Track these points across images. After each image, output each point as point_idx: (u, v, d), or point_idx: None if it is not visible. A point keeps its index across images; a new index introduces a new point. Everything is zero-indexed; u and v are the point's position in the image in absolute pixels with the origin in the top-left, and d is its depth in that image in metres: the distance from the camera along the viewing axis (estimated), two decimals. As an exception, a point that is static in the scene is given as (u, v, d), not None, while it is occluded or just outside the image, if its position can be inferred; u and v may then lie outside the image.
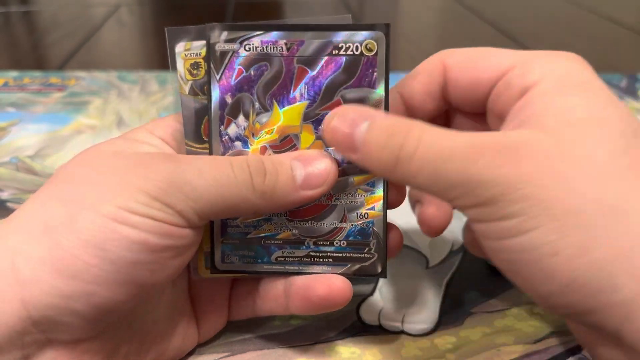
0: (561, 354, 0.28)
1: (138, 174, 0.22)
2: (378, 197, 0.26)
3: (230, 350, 0.28)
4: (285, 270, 0.26)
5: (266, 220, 0.26)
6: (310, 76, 0.25)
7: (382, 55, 0.25)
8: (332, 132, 0.24)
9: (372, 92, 0.25)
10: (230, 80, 0.25)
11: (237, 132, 0.26)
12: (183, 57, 0.26)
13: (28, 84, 0.61)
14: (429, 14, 0.95)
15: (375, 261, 0.26)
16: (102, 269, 0.21)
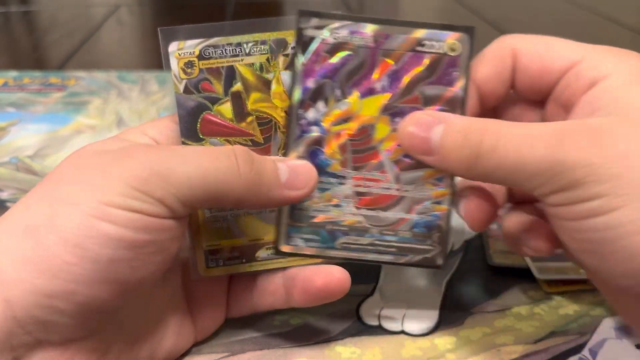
0: (561, 354, 0.28)
1: (119, 165, 0.22)
2: (445, 192, 0.26)
3: (229, 350, 0.28)
4: (350, 257, 0.27)
5: (334, 206, 0.26)
6: (393, 70, 0.26)
7: (464, 56, 0.26)
8: (409, 138, 0.25)
9: (451, 90, 0.26)
10: (314, 65, 0.26)
11: (316, 117, 0.26)
12: (177, 57, 0.26)
13: (28, 84, 0.60)
14: (429, 14, 0.94)
15: (437, 254, 0.27)
16: (82, 268, 0.21)
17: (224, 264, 0.27)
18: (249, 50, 0.27)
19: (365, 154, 0.26)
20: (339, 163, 0.26)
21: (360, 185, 0.26)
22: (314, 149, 0.26)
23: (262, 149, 0.27)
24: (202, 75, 0.26)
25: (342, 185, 0.26)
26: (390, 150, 0.26)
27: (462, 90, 0.26)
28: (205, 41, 0.26)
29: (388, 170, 0.26)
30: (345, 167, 0.26)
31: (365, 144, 0.26)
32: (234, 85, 0.27)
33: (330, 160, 0.26)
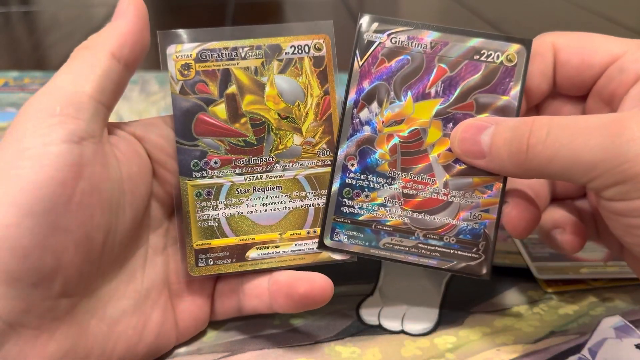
0: (561, 353, 0.28)
1: (21, 114, 0.23)
2: (494, 200, 0.26)
3: (230, 350, 0.28)
4: (392, 258, 0.27)
5: (380, 205, 0.27)
6: (448, 76, 0.26)
7: (520, 67, 0.26)
8: (460, 143, 0.25)
9: (505, 99, 0.26)
10: (371, 68, 0.27)
11: (368, 117, 0.27)
12: (174, 59, 0.27)
13: (28, 84, 0.61)
14: (429, 14, 0.95)
15: (481, 262, 0.27)
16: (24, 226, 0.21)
17: (213, 263, 0.27)
18: (245, 55, 0.27)
19: (415, 157, 0.27)
20: (388, 164, 0.27)
21: (408, 187, 0.27)
22: (364, 148, 0.27)
23: (255, 149, 0.28)
24: (198, 77, 0.27)
25: (390, 185, 0.27)
26: (440, 155, 0.27)
27: (515, 100, 0.26)
28: (202, 45, 0.27)
29: (437, 174, 0.27)
30: (394, 168, 0.27)
31: (415, 146, 0.27)
32: (229, 88, 0.27)
33: (380, 160, 0.27)
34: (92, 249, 0.24)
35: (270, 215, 0.28)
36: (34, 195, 0.21)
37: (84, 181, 0.23)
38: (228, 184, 0.27)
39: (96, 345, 0.24)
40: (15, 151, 0.22)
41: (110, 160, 0.25)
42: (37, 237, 0.21)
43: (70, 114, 0.23)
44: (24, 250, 0.21)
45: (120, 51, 0.25)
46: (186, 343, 0.28)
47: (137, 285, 0.26)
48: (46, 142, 0.22)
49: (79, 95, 0.23)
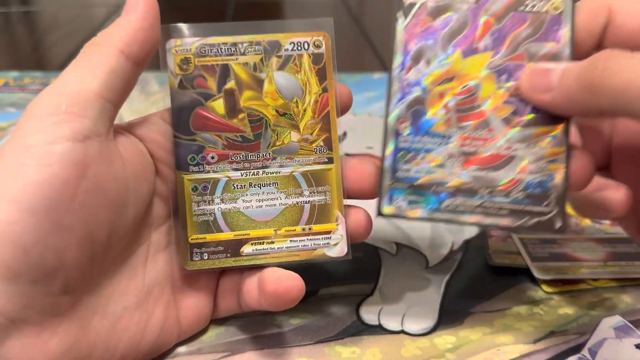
0: (560, 353, 0.28)
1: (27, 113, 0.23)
2: (559, 150, 0.26)
3: (230, 350, 0.28)
4: (456, 220, 0.26)
5: (438, 166, 0.26)
6: (496, 29, 0.26)
7: (567, 13, 0.26)
8: (530, 75, 0.25)
9: (556, 47, 0.26)
10: (416, 29, 0.26)
11: (417, 78, 0.26)
12: (174, 53, 0.27)
13: (28, 84, 0.61)
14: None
15: (554, 216, 0.25)
16: (25, 224, 0.21)
17: (208, 258, 0.27)
18: (244, 50, 0.27)
19: (470, 113, 0.26)
20: (442, 122, 0.26)
21: (466, 144, 0.26)
22: (416, 108, 0.26)
23: (252, 145, 0.28)
24: (197, 72, 0.27)
25: (446, 145, 0.26)
26: (497, 108, 0.26)
27: (567, 46, 0.26)
28: (202, 40, 0.27)
29: (495, 128, 0.26)
30: (449, 127, 0.26)
31: (470, 102, 0.26)
32: (227, 83, 0.27)
33: (434, 120, 0.26)
34: (95, 247, 0.24)
35: (266, 211, 0.28)
36: (36, 194, 0.21)
37: (88, 180, 0.23)
38: (224, 179, 0.28)
39: (99, 342, 0.24)
40: (19, 148, 0.22)
41: (116, 158, 0.24)
42: (39, 234, 0.21)
43: (75, 112, 0.23)
44: (25, 247, 0.21)
45: (129, 48, 0.25)
46: (186, 343, 0.29)
47: (138, 282, 0.26)
48: (50, 140, 0.22)
49: (86, 93, 0.23)
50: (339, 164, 0.28)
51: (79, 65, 0.24)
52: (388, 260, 0.35)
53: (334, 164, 0.28)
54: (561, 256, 0.35)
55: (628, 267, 0.34)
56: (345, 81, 0.60)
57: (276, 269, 0.27)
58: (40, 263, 0.22)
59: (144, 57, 0.25)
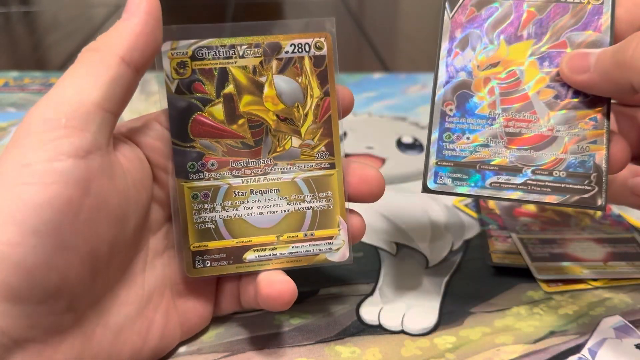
0: (560, 353, 0.28)
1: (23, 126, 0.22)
2: (600, 132, 0.27)
3: (230, 350, 0.28)
4: (501, 196, 0.27)
5: (483, 145, 0.27)
6: (538, 19, 0.27)
7: (607, 4, 0.27)
8: (569, 59, 0.26)
9: (597, 35, 0.27)
10: (462, 17, 0.27)
11: (463, 63, 0.27)
12: (169, 56, 0.26)
13: (28, 84, 0.61)
14: (429, 14, 0.94)
15: (595, 194, 0.27)
16: (28, 245, 0.20)
17: (211, 265, 0.27)
18: (243, 53, 0.27)
19: (514, 96, 0.27)
20: (487, 105, 0.27)
21: (510, 125, 0.27)
22: (462, 92, 0.27)
23: (253, 151, 0.27)
24: (194, 76, 0.26)
25: (491, 126, 0.27)
26: (540, 92, 0.27)
27: (607, 35, 0.27)
28: (199, 42, 0.26)
29: (538, 110, 0.27)
30: (494, 109, 0.27)
31: (514, 86, 0.27)
32: (226, 87, 0.27)
33: (479, 103, 0.27)
34: (98, 263, 0.23)
35: (268, 217, 0.28)
36: (39, 215, 0.21)
37: (91, 197, 0.22)
38: (225, 186, 0.27)
39: (102, 353, 0.24)
40: (18, 166, 0.21)
41: (117, 170, 0.24)
42: (43, 256, 0.21)
43: (76, 126, 0.22)
44: (28, 268, 0.21)
45: (130, 55, 0.24)
46: (186, 343, 0.29)
47: (138, 290, 0.26)
48: (51, 158, 0.21)
49: (86, 105, 0.22)
50: (341, 169, 0.28)
51: (78, 74, 0.23)
52: (388, 260, 0.35)
53: (336, 169, 0.28)
54: (561, 256, 0.35)
55: (628, 267, 0.34)
56: (345, 81, 0.60)
57: (270, 273, 0.27)
58: (44, 284, 0.21)
59: (145, 64, 0.24)
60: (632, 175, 0.28)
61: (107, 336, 0.25)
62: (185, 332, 0.28)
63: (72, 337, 0.23)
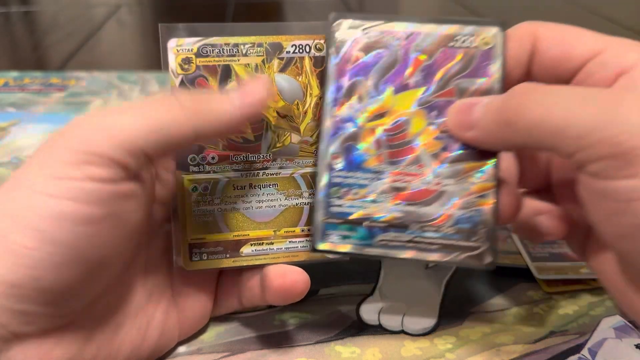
0: (560, 353, 0.28)
1: (62, 135, 0.22)
2: (489, 185, 0.26)
3: (230, 350, 0.28)
4: (388, 255, 0.26)
5: (371, 201, 0.26)
6: (426, 65, 0.26)
7: (498, 48, 0.26)
8: (455, 114, 0.25)
9: (487, 82, 0.26)
10: (347, 65, 0.26)
11: (349, 114, 0.26)
12: (175, 52, 0.27)
13: (28, 84, 0.61)
14: (429, 14, 0.95)
15: (484, 251, 0.26)
16: (43, 251, 0.20)
17: (207, 258, 0.27)
18: (246, 51, 0.27)
19: (401, 149, 0.26)
20: (375, 158, 0.26)
21: (397, 180, 0.26)
22: (348, 145, 0.26)
23: (253, 146, 0.28)
24: (198, 72, 0.27)
25: (378, 180, 0.26)
26: (428, 144, 0.26)
27: (498, 82, 0.26)
28: (203, 40, 0.27)
29: (426, 164, 0.26)
30: (381, 162, 0.26)
31: (401, 138, 0.26)
32: (228, 84, 0.27)
33: (366, 156, 0.26)
34: (104, 271, 0.24)
35: (266, 212, 0.28)
36: (59, 226, 0.21)
37: (113, 218, 0.22)
38: (225, 179, 0.28)
39: (102, 350, 0.24)
40: (49, 177, 0.21)
41: (138, 189, 0.24)
42: (54, 264, 0.21)
43: (113, 156, 0.22)
44: (38, 273, 0.21)
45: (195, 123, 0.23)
46: (186, 343, 0.29)
47: (139, 289, 0.26)
48: (81, 177, 0.21)
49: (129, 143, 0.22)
50: None
51: (135, 109, 0.23)
52: (388, 260, 0.35)
53: None
54: (561, 256, 0.35)
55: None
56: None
57: (280, 264, 0.27)
58: (51, 289, 0.21)
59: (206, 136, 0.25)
60: (534, 214, 0.27)
61: (107, 333, 0.25)
62: (183, 331, 0.28)
63: (72, 333, 0.23)
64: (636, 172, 0.20)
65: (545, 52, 0.26)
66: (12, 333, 0.21)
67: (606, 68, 0.24)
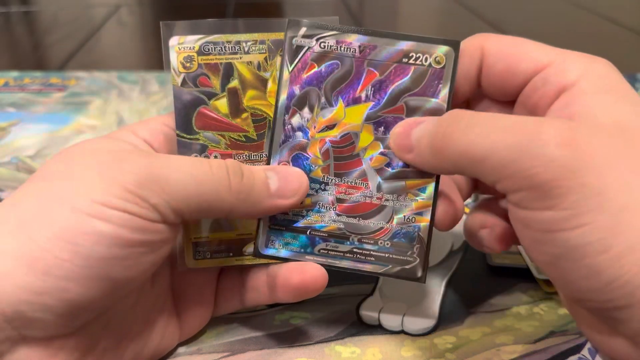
0: (561, 353, 0.28)
1: (115, 167, 0.22)
2: (427, 203, 0.26)
3: (230, 350, 0.28)
4: (327, 263, 0.27)
5: (315, 211, 0.27)
6: (378, 80, 0.26)
7: (449, 69, 0.26)
8: (396, 136, 0.25)
9: (435, 102, 0.26)
10: (301, 73, 0.26)
11: (300, 123, 0.26)
12: (177, 50, 0.27)
13: (28, 84, 0.61)
14: (429, 14, 0.95)
15: (416, 265, 0.27)
16: (74, 265, 0.21)
17: (211, 257, 0.27)
18: (248, 49, 0.27)
19: (347, 162, 0.27)
20: (321, 169, 0.27)
21: (341, 192, 0.27)
22: (297, 154, 0.27)
23: (255, 145, 0.28)
24: (200, 70, 0.27)
25: (323, 191, 0.27)
26: (373, 159, 0.26)
27: (445, 102, 0.26)
28: (205, 37, 0.27)
29: (370, 178, 0.26)
30: (327, 174, 0.27)
31: (348, 151, 0.26)
32: (231, 82, 0.27)
33: (313, 166, 0.27)
34: (127, 289, 0.24)
35: None
36: (96, 243, 0.21)
37: (146, 245, 0.22)
38: None
39: (106, 354, 0.25)
40: (87, 199, 0.21)
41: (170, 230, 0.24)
42: (84, 278, 0.21)
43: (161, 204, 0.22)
44: (67, 284, 0.21)
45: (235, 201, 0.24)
46: (186, 343, 0.29)
47: (147, 293, 0.27)
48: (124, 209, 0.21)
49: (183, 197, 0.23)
50: None
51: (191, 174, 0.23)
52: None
53: None
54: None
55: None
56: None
57: (292, 262, 0.27)
58: (74, 302, 0.21)
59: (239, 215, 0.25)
60: (480, 227, 0.27)
61: (111, 339, 0.25)
62: (184, 333, 0.28)
63: (77, 338, 0.23)
64: (552, 204, 0.20)
65: (491, 67, 0.26)
66: (21, 335, 0.21)
67: (548, 84, 0.24)
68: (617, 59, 0.27)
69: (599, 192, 0.20)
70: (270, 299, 0.27)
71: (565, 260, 0.21)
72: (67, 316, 0.22)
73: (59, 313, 0.21)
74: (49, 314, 0.21)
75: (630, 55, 0.69)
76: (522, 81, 0.25)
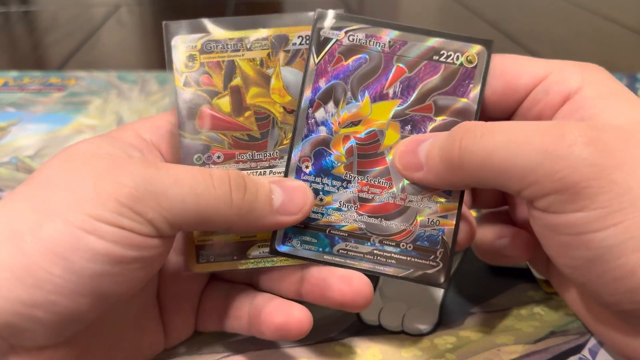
0: (561, 354, 0.28)
1: (111, 179, 0.22)
2: (452, 206, 0.25)
3: (230, 349, 0.28)
4: (346, 264, 0.26)
5: (335, 209, 0.26)
6: (407, 77, 0.25)
7: (480, 69, 0.25)
8: (400, 156, 0.25)
9: (464, 102, 0.25)
10: (327, 66, 0.26)
11: (324, 117, 0.26)
12: (179, 50, 0.27)
13: (28, 83, 0.61)
14: (429, 14, 0.94)
15: (439, 270, 0.26)
16: (65, 280, 0.20)
17: (214, 260, 0.27)
18: (250, 46, 0.27)
19: (371, 160, 0.26)
20: (344, 166, 0.26)
21: (364, 190, 0.26)
22: (319, 149, 0.26)
23: (259, 144, 0.27)
24: (202, 69, 0.27)
25: (345, 189, 0.26)
26: None
27: (475, 102, 0.25)
28: (207, 35, 0.27)
29: (394, 178, 0.26)
30: (350, 171, 0.26)
31: (372, 149, 0.26)
32: (233, 80, 0.27)
33: (336, 163, 0.26)
34: (118, 303, 0.23)
35: None
36: (88, 260, 0.21)
37: (140, 261, 0.22)
38: None
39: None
40: (85, 214, 0.21)
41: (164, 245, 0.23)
42: (75, 293, 0.21)
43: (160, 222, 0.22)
44: (57, 298, 0.21)
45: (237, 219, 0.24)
46: (186, 343, 0.29)
47: (136, 303, 0.26)
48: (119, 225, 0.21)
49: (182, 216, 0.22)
50: None
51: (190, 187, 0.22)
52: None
53: None
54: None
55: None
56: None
57: (278, 298, 0.26)
58: (63, 315, 0.21)
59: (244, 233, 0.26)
60: (496, 238, 0.27)
61: (102, 346, 0.25)
62: (168, 342, 0.28)
63: (68, 347, 0.23)
64: (583, 205, 0.20)
65: (490, 87, 0.25)
66: (9, 345, 0.21)
67: (552, 94, 0.24)
68: (617, 59, 0.27)
69: (629, 189, 0.19)
70: (248, 331, 0.27)
71: (599, 262, 0.20)
72: (56, 328, 0.21)
73: (49, 325, 0.21)
74: (39, 326, 0.21)
75: (630, 55, 0.69)
76: (522, 96, 0.25)
